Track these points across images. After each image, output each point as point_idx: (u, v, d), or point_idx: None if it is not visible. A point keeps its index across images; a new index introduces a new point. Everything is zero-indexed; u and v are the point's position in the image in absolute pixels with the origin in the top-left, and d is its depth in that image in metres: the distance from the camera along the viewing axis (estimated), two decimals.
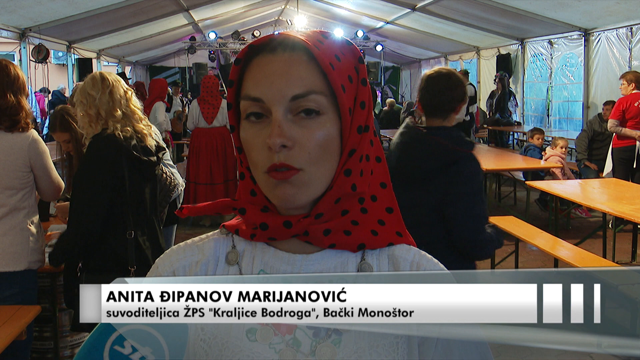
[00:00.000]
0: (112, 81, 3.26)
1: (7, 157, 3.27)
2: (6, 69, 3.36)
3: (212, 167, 9.04)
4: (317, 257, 1.04)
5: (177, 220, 4.92)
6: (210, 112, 9.01)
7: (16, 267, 3.30)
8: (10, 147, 3.28)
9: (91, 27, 12.46)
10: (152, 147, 3.31)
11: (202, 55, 20.50)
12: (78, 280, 3.27)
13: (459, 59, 18.20)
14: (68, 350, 4.10)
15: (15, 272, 3.30)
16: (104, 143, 3.15)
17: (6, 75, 3.34)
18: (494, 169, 8.60)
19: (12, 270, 3.29)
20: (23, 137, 3.33)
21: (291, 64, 0.97)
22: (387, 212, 1.09)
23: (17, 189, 3.33)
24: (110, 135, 3.15)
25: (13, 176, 3.30)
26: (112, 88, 3.24)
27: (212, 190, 8.80)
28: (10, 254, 3.29)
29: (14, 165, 3.29)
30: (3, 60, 3.47)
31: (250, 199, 1.05)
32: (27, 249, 3.36)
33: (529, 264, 7.11)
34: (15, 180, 3.31)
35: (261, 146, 0.97)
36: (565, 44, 12.55)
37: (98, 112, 3.19)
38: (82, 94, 3.23)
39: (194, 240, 1.11)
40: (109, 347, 0.83)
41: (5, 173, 3.27)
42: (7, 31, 10.30)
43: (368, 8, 15.73)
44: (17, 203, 3.33)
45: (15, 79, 3.35)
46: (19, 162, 3.31)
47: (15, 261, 3.30)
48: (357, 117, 1.01)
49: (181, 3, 13.09)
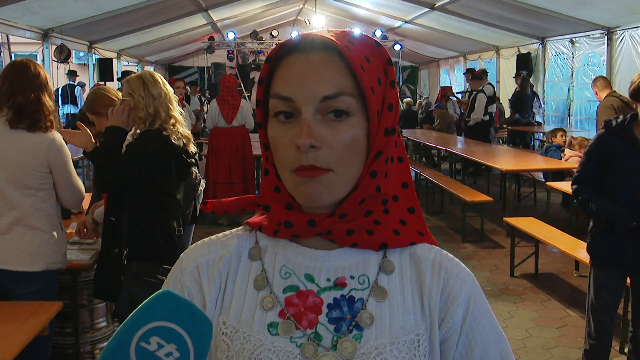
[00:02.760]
0: (167, 85, 3.53)
1: (25, 156, 3.28)
2: (25, 67, 3.36)
3: (232, 166, 9.07)
4: (339, 254, 1.05)
5: (196, 220, 4.97)
6: (229, 111, 9.03)
7: (34, 268, 3.32)
8: (29, 146, 3.28)
9: (112, 28, 12.55)
10: (192, 152, 3.52)
11: (221, 55, 20.57)
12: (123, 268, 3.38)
13: (478, 59, 18.11)
14: (88, 345, 4.13)
15: (33, 272, 3.32)
16: (159, 140, 3.35)
17: (24, 73, 3.34)
18: (514, 170, 8.55)
19: (30, 271, 3.31)
20: (43, 138, 3.33)
21: (322, 64, 0.97)
22: (408, 212, 1.09)
23: (35, 189, 3.32)
24: (166, 136, 3.36)
25: (31, 175, 3.29)
26: (169, 92, 3.49)
27: (231, 190, 8.82)
28: (28, 255, 3.30)
29: (32, 165, 3.29)
30: (23, 60, 3.48)
31: (275, 196, 1.06)
32: (45, 250, 3.36)
33: (549, 265, 7.08)
34: (33, 180, 3.31)
35: (289, 145, 0.97)
36: (587, 43, 12.43)
37: (157, 111, 3.38)
38: (144, 91, 3.39)
39: (218, 236, 1.13)
40: (135, 343, 0.84)
41: (23, 172, 3.28)
42: (30, 32, 10.40)
43: (386, 7, 15.69)
44: (36, 204, 3.33)
45: (35, 77, 3.35)
46: (37, 162, 3.30)
47: (33, 262, 3.32)
48: (385, 119, 1.01)
49: (200, 3, 13.14)
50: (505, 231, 8.18)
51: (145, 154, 3.34)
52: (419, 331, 1.02)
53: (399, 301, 1.03)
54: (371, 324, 1.00)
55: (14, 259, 3.28)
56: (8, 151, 3.26)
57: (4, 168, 3.25)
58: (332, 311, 1.01)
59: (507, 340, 1.10)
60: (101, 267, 3.52)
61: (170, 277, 1.11)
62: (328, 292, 1.03)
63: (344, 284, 1.03)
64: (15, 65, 3.42)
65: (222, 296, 1.06)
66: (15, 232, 3.28)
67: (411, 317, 1.02)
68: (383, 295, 1.02)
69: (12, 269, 3.28)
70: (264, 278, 1.05)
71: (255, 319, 1.02)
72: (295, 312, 1.01)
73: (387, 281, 1.04)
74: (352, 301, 1.02)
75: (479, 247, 8.00)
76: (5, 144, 3.27)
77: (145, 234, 3.39)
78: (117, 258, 3.40)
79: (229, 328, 1.02)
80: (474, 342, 1.05)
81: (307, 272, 1.04)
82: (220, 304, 1.06)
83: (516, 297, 6.10)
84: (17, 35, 10.59)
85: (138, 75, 3.53)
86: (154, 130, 3.37)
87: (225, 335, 1.02)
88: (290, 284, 1.04)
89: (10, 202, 3.27)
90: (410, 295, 1.04)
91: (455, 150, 10.69)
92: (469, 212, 8.75)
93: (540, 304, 5.90)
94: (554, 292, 6.22)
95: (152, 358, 0.84)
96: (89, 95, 4.24)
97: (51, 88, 3.48)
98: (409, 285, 1.05)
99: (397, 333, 1.00)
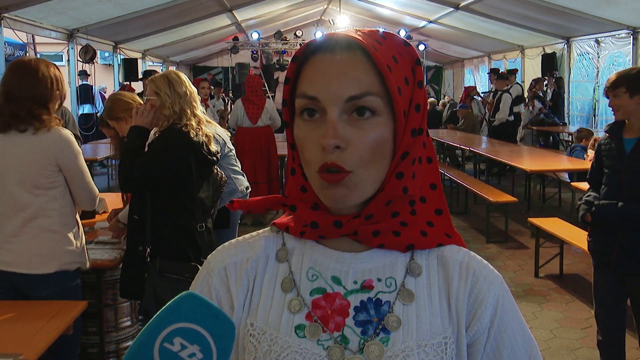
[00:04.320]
0: (191, 84, 3.60)
1: (33, 155, 3.21)
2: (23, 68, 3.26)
3: (256, 166, 9.10)
4: (366, 256, 1.04)
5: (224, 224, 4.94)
6: (254, 112, 9.05)
7: (46, 270, 3.26)
8: (35, 146, 3.21)
9: (137, 28, 12.65)
10: (214, 150, 3.56)
11: (245, 55, 20.62)
12: (147, 266, 3.42)
13: (502, 59, 18.01)
14: (113, 345, 4.16)
15: (45, 274, 3.27)
16: (179, 134, 3.40)
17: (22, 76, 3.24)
18: (539, 170, 8.49)
19: (42, 273, 3.26)
20: (49, 136, 3.24)
21: (348, 64, 0.97)
22: (436, 213, 1.08)
23: (45, 188, 3.26)
24: (185, 132, 3.40)
25: (39, 175, 3.23)
26: (193, 91, 3.56)
27: (255, 190, 8.85)
28: (39, 257, 3.25)
29: (40, 164, 3.22)
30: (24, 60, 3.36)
31: (301, 196, 1.06)
32: (58, 251, 3.30)
33: (574, 266, 7.03)
34: (42, 180, 3.24)
35: (315, 145, 0.97)
36: (613, 43, 12.31)
37: (183, 109, 3.46)
38: (170, 90, 3.46)
39: (245, 238, 1.13)
40: (159, 344, 0.84)
41: (31, 172, 3.21)
42: (55, 32, 10.51)
43: (411, 7, 15.65)
44: (46, 204, 3.26)
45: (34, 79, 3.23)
46: (45, 161, 3.23)
47: (44, 264, 3.26)
48: (412, 119, 1.00)
49: (224, 3, 13.20)
50: (530, 232, 8.13)
51: (166, 149, 3.38)
52: (446, 334, 1.01)
53: (426, 304, 1.02)
54: (398, 327, 1.00)
55: (26, 262, 3.23)
56: (14, 151, 3.20)
57: (12, 169, 3.20)
58: (359, 314, 1.01)
59: (535, 343, 1.08)
60: (126, 265, 3.55)
61: (197, 279, 1.11)
62: (355, 294, 1.02)
63: (371, 287, 1.02)
64: (14, 66, 3.33)
65: (249, 298, 1.06)
66: (26, 234, 3.23)
67: (438, 320, 1.01)
68: (410, 298, 1.02)
69: (24, 271, 3.23)
70: (291, 280, 1.05)
71: (282, 321, 1.02)
72: (322, 315, 1.01)
73: (414, 284, 1.03)
74: (379, 304, 1.01)
75: (503, 247, 7.96)
76: (11, 145, 3.21)
77: (168, 231, 3.43)
78: (141, 256, 3.43)
79: (257, 330, 1.03)
80: (502, 345, 1.03)
81: (334, 275, 1.04)
82: (247, 305, 1.06)
83: (541, 298, 6.05)
84: (42, 36, 10.71)
85: (163, 74, 3.57)
86: (174, 126, 3.42)
87: (252, 337, 1.02)
88: (317, 287, 1.03)
89: (20, 204, 3.22)
90: (438, 297, 1.03)
91: (479, 150, 10.63)
92: (493, 212, 8.71)
93: (565, 305, 5.86)
94: (579, 292, 6.17)
95: (175, 359, 0.84)
96: (107, 102, 4.30)
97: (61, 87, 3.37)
98: (436, 287, 1.04)
99: (424, 336, 1.00)
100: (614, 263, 3.72)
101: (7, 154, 3.20)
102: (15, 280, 3.25)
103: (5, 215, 3.23)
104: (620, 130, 3.74)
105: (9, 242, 3.23)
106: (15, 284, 3.26)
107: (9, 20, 8.72)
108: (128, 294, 3.65)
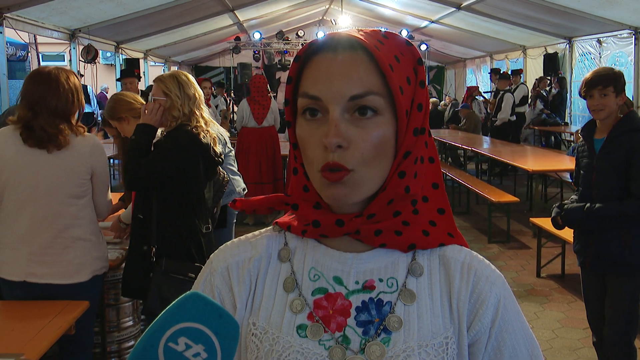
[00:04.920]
0: (198, 87, 3.61)
1: (69, 164, 3.22)
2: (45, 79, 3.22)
3: (262, 166, 9.11)
4: (367, 256, 1.04)
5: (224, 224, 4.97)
6: (260, 112, 9.05)
7: (80, 279, 3.30)
8: (70, 154, 3.22)
9: (138, 28, 12.64)
10: (218, 151, 3.57)
11: (247, 55, 20.60)
12: (152, 265, 3.43)
13: (504, 58, 18.00)
14: (115, 345, 4.17)
15: (81, 283, 3.31)
16: (188, 135, 3.40)
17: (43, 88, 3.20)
18: (540, 170, 8.48)
19: (77, 282, 3.29)
20: (82, 143, 3.26)
21: (351, 64, 0.97)
22: (438, 213, 1.09)
23: (77, 197, 3.28)
24: (196, 133, 3.41)
25: (74, 183, 3.25)
26: (200, 94, 3.58)
27: (261, 190, 8.88)
28: (73, 266, 3.28)
29: (76, 172, 3.25)
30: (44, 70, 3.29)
31: (303, 195, 1.06)
32: (89, 259, 3.34)
33: (576, 266, 6.98)
34: (75, 188, 3.26)
35: (317, 144, 0.97)
36: (615, 43, 12.30)
37: (192, 111, 3.47)
38: (180, 92, 3.46)
39: (247, 237, 1.13)
40: (164, 343, 0.84)
41: (66, 180, 3.23)
42: (57, 32, 10.51)
43: (413, 7, 15.63)
44: (78, 212, 3.29)
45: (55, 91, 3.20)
46: (82, 168, 3.26)
47: (78, 272, 3.30)
48: (414, 119, 1.01)
49: (226, 3, 13.19)
50: (532, 232, 8.13)
51: (175, 149, 3.38)
52: (448, 334, 1.01)
53: (428, 304, 1.02)
54: (399, 328, 1.00)
55: (60, 272, 3.25)
56: (48, 162, 3.19)
57: (46, 180, 3.19)
58: (361, 314, 1.01)
59: (537, 343, 1.09)
60: (130, 264, 3.55)
61: (200, 278, 1.12)
62: (357, 295, 1.03)
63: (373, 287, 1.03)
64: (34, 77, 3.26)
65: (252, 297, 1.06)
66: (58, 244, 3.24)
67: (439, 320, 1.02)
68: (411, 299, 1.02)
69: (60, 282, 3.25)
70: (293, 280, 1.05)
71: (284, 321, 1.02)
72: (324, 315, 1.02)
73: (415, 284, 1.04)
74: (381, 304, 1.02)
75: (505, 247, 7.95)
76: (45, 156, 3.18)
77: (174, 231, 3.43)
78: (146, 255, 3.44)
79: (259, 329, 1.03)
80: (503, 345, 1.04)
81: (335, 275, 1.04)
82: (250, 305, 1.06)
83: (542, 298, 6.05)
84: (44, 36, 10.71)
85: (172, 75, 3.55)
86: (184, 127, 3.42)
87: (254, 336, 1.03)
88: (319, 287, 1.04)
89: (53, 214, 3.22)
90: (439, 297, 1.03)
91: (481, 150, 10.63)
92: (495, 212, 8.70)
93: (567, 305, 5.85)
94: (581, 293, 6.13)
95: (180, 358, 0.85)
96: (109, 102, 4.27)
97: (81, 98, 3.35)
98: (438, 287, 1.04)
99: (425, 336, 1.00)
100: (589, 263, 3.77)
101: (41, 165, 3.19)
102: (49, 290, 3.25)
103: (37, 227, 3.21)
104: (592, 132, 3.75)
105: (42, 254, 3.22)
106: (49, 294, 3.25)
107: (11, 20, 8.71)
108: (130, 293, 3.65)
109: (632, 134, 3.59)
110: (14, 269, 3.21)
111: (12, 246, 3.22)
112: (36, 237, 3.21)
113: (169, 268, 3.38)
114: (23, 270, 3.20)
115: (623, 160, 3.57)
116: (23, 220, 3.20)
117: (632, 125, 3.60)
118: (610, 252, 3.64)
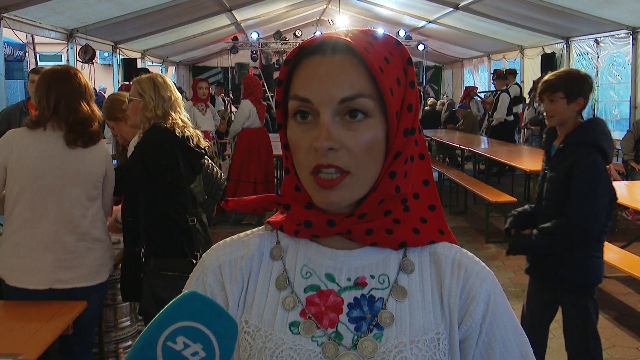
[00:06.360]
0: (176, 90, 3.61)
1: (92, 167, 3.26)
2: (69, 75, 3.24)
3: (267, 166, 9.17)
4: (359, 253, 1.06)
5: None
6: (262, 112, 9.14)
7: (101, 279, 3.34)
8: (93, 157, 3.27)
9: (136, 28, 12.64)
10: (203, 145, 3.59)
11: (244, 55, 20.61)
12: (142, 265, 3.45)
13: (502, 58, 18.00)
14: (112, 345, 4.16)
15: (101, 283, 3.35)
16: (162, 131, 3.42)
17: (71, 84, 3.23)
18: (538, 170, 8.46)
19: (98, 283, 3.32)
20: (99, 148, 3.31)
21: (341, 66, 0.98)
22: (429, 209, 1.10)
23: (94, 199, 3.31)
24: (170, 128, 3.43)
25: (93, 187, 3.29)
26: (178, 97, 3.57)
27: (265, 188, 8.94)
28: (95, 267, 3.30)
29: (95, 175, 3.29)
30: (64, 67, 3.33)
31: (295, 195, 1.07)
32: (106, 259, 3.38)
33: None
34: (93, 191, 3.30)
35: (307, 148, 0.98)
36: (612, 43, 12.31)
37: (166, 113, 3.47)
38: (155, 93, 3.46)
39: (240, 236, 1.14)
40: (162, 343, 0.85)
41: (88, 184, 3.26)
42: (55, 32, 10.50)
43: (410, 7, 15.64)
44: (95, 214, 3.31)
45: (82, 87, 3.25)
46: (99, 172, 3.31)
47: (99, 273, 3.33)
48: (404, 119, 1.01)
49: (224, 3, 13.19)
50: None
51: (150, 146, 3.40)
52: (439, 330, 1.02)
53: (419, 300, 1.03)
54: (391, 324, 1.01)
55: (84, 275, 3.26)
56: (72, 166, 3.20)
57: (72, 182, 3.20)
58: (353, 310, 1.02)
59: (527, 339, 1.10)
60: (125, 268, 3.57)
61: (192, 277, 1.12)
62: (348, 291, 1.04)
63: (364, 284, 1.04)
64: (59, 75, 3.25)
65: (244, 295, 1.07)
66: (81, 247, 3.25)
67: (431, 316, 1.03)
68: (403, 295, 1.03)
69: (84, 285, 3.26)
70: (286, 278, 1.06)
71: (277, 319, 1.03)
72: (316, 312, 1.03)
73: (407, 280, 1.05)
74: (373, 300, 1.03)
75: (502, 247, 7.95)
76: (69, 160, 3.20)
77: (161, 229, 3.44)
78: (138, 257, 3.45)
79: (251, 327, 1.04)
80: (494, 340, 1.05)
81: (327, 272, 1.05)
82: (242, 303, 1.07)
83: None
84: (42, 36, 10.70)
85: (149, 76, 3.58)
86: (158, 125, 3.43)
87: (247, 334, 1.04)
88: (311, 284, 1.05)
89: (77, 217, 3.23)
90: (430, 294, 1.05)
91: (478, 150, 10.64)
92: (492, 212, 8.71)
93: None
94: None
95: (178, 357, 0.85)
96: (105, 102, 4.27)
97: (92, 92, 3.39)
98: (429, 284, 1.05)
99: (417, 332, 1.01)
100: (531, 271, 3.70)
101: (68, 168, 3.20)
102: (71, 294, 3.25)
103: (61, 232, 3.20)
104: (553, 138, 3.56)
105: (66, 259, 3.22)
106: (69, 297, 3.25)
107: (8, 20, 8.70)
108: (130, 297, 3.66)
109: (577, 147, 3.36)
110: (39, 277, 3.17)
111: (33, 255, 3.16)
112: (60, 242, 3.20)
113: (158, 266, 3.40)
114: (49, 278, 3.17)
115: (565, 174, 3.36)
116: (45, 226, 3.17)
117: (580, 137, 3.36)
118: (559, 273, 3.51)
